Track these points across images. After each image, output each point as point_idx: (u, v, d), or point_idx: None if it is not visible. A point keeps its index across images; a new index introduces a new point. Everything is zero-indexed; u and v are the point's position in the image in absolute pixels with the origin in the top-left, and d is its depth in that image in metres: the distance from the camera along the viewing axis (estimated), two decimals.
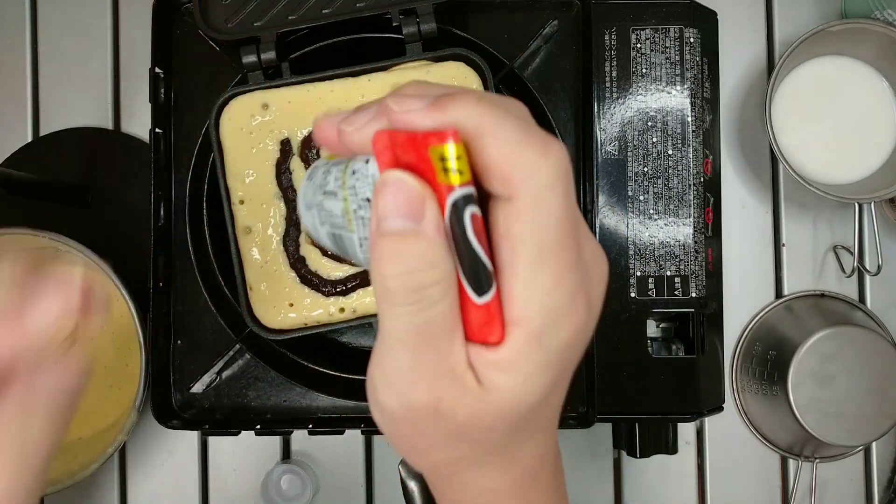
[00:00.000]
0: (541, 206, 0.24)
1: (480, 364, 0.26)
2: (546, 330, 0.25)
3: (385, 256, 0.25)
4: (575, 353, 0.27)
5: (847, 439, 0.57)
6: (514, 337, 0.25)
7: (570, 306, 0.25)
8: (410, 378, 0.26)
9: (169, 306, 0.55)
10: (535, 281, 0.25)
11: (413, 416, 0.26)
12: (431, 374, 0.25)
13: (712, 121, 0.54)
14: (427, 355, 0.25)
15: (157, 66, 0.53)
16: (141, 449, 0.63)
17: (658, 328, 0.55)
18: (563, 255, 0.25)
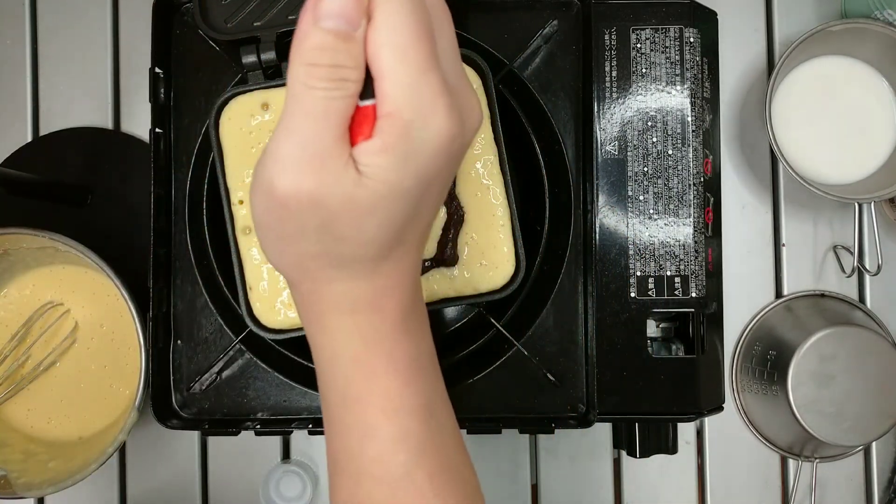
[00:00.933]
0: (390, 17, 0.29)
1: (358, 154, 0.29)
2: (413, 122, 0.29)
3: (322, 47, 0.28)
4: (444, 163, 0.30)
5: (847, 439, 0.57)
6: (385, 124, 0.29)
7: (435, 105, 0.29)
8: (302, 155, 0.29)
9: (169, 306, 0.55)
10: (396, 77, 0.29)
11: (291, 197, 0.29)
12: (322, 155, 0.29)
13: (712, 121, 0.54)
14: (323, 137, 0.29)
15: (156, 66, 0.53)
16: (141, 449, 0.63)
17: (658, 328, 0.55)
18: (418, 56, 0.29)
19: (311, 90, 0.29)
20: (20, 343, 0.59)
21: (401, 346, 0.33)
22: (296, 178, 0.29)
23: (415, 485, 0.33)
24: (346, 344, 0.33)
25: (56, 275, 0.60)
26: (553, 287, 0.54)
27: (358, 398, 0.33)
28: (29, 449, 0.58)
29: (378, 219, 0.30)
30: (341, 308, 0.32)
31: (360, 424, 0.33)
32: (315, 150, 0.29)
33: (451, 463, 0.35)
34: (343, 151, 0.29)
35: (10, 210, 0.62)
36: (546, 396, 0.54)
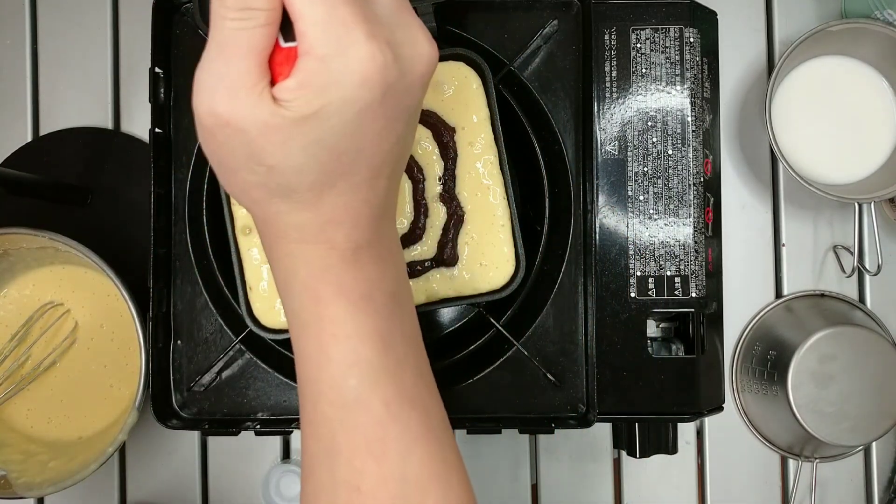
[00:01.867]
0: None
1: (277, 91, 0.30)
2: (328, 55, 0.29)
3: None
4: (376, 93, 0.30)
5: (847, 439, 0.57)
6: (301, 62, 0.29)
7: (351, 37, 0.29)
8: (217, 84, 0.30)
9: (169, 306, 0.55)
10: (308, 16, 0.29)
11: (214, 125, 0.30)
12: (234, 84, 0.29)
13: (712, 121, 0.54)
14: (236, 67, 0.29)
15: (156, 66, 0.53)
16: (141, 449, 0.63)
17: (658, 328, 0.55)
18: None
19: (222, 20, 0.30)
20: (20, 343, 0.59)
21: (350, 277, 0.34)
22: (210, 104, 0.30)
23: (369, 410, 0.34)
24: (296, 271, 0.34)
25: (56, 275, 0.60)
26: (553, 287, 0.54)
27: (309, 323, 0.34)
28: (29, 449, 0.58)
29: (301, 147, 0.30)
30: (290, 237, 0.33)
31: (313, 349, 0.34)
32: (228, 80, 0.30)
33: (412, 394, 0.35)
34: (257, 83, 0.30)
35: (10, 210, 0.62)
36: (546, 396, 0.54)
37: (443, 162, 0.51)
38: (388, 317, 0.35)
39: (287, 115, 0.30)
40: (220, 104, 0.30)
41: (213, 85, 0.30)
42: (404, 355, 0.35)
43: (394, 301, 0.35)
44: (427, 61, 0.32)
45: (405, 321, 0.36)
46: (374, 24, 0.30)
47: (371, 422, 0.34)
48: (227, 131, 0.30)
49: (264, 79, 0.30)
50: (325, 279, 0.33)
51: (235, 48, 0.30)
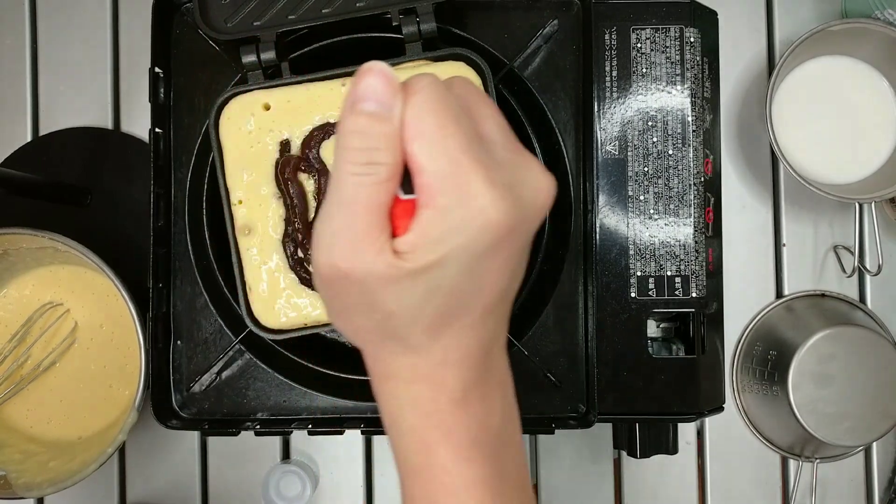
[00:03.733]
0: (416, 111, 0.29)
1: (398, 244, 0.30)
2: (448, 206, 0.29)
3: (356, 130, 0.30)
4: (497, 240, 0.30)
5: (847, 439, 0.57)
6: (421, 215, 0.30)
7: (471, 186, 0.29)
8: (338, 239, 0.30)
9: (169, 306, 0.55)
10: (428, 167, 0.29)
11: (333, 277, 0.30)
12: (355, 239, 0.30)
13: (712, 121, 0.54)
14: (358, 222, 0.30)
15: (156, 66, 0.53)
16: (141, 449, 0.63)
17: (658, 328, 0.55)
18: (447, 144, 0.29)
19: (346, 175, 0.30)
20: (20, 343, 0.59)
21: (458, 421, 0.33)
22: (330, 258, 0.30)
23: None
24: (405, 413, 0.33)
25: (56, 275, 0.60)
26: (553, 287, 0.54)
27: (418, 469, 0.34)
28: (29, 449, 0.58)
29: (420, 294, 0.30)
30: (400, 377, 0.33)
31: (421, 494, 0.34)
32: (349, 235, 0.30)
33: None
34: (378, 237, 0.30)
35: (10, 210, 0.62)
36: (546, 396, 0.54)
37: None
38: (497, 460, 0.34)
39: (407, 266, 0.29)
40: (341, 259, 0.30)
41: (334, 239, 0.30)
42: (510, 500, 0.35)
43: (502, 438, 0.35)
44: (545, 196, 0.32)
45: (513, 460, 0.36)
46: (493, 171, 0.30)
47: None
48: (345, 282, 0.30)
49: (385, 233, 0.30)
50: (435, 423, 0.33)
51: (357, 203, 0.30)
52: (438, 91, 0.30)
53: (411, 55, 0.50)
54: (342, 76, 0.50)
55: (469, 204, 0.29)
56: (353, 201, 0.30)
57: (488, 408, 0.34)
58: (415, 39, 0.50)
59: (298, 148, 0.50)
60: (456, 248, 0.29)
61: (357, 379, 0.55)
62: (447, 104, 0.30)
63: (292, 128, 0.50)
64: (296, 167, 0.49)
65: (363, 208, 0.30)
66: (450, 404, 0.33)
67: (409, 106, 0.30)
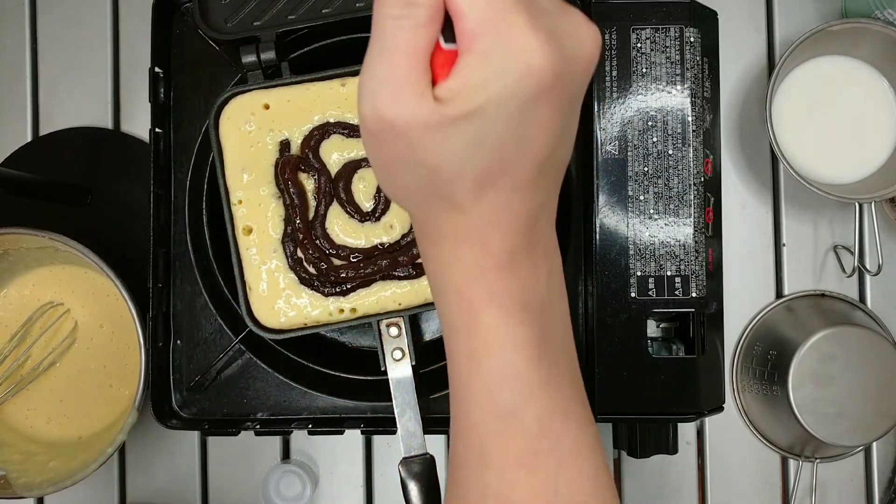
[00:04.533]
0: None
1: (439, 90, 0.30)
2: (489, 50, 0.29)
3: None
4: (540, 87, 0.29)
5: (847, 439, 0.57)
6: (462, 60, 0.29)
7: (513, 30, 0.29)
8: (379, 86, 0.30)
9: (169, 306, 0.55)
10: (468, 12, 0.29)
11: (378, 129, 0.30)
12: (397, 85, 0.29)
13: (712, 120, 0.54)
14: (398, 68, 0.29)
15: (156, 66, 0.53)
16: (141, 449, 0.63)
17: (658, 328, 0.55)
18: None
19: (384, 18, 0.30)
20: (20, 343, 0.59)
21: (504, 283, 0.33)
22: (374, 107, 0.30)
23: (521, 423, 0.33)
24: (450, 274, 0.33)
25: (56, 275, 0.60)
26: None
27: (461, 329, 0.34)
28: (29, 449, 0.58)
29: (464, 144, 0.30)
30: (446, 238, 0.33)
31: (465, 355, 0.34)
32: (391, 81, 0.29)
33: (565, 406, 0.34)
34: (418, 83, 0.29)
35: (10, 210, 0.62)
36: None
37: None
38: (542, 326, 0.34)
39: (449, 112, 0.29)
40: (384, 106, 0.30)
41: (376, 87, 0.30)
42: (557, 367, 0.34)
43: (548, 308, 0.34)
44: (591, 47, 0.31)
45: (559, 329, 0.35)
46: (536, 16, 0.29)
47: (523, 434, 0.33)
48: (390, 135, 0.30)
49: (426, 79, 0.30)
50: (479, 284, 0.33)
51: (397, 49, 0.29)
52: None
53: None
54: (342, 76, 0.50)
55: (511, 48, 0.29)
56: (393, 47, 0.29)
57: (534, 276, 0.34)
58: None
59: (298, 147, 0.50)
60: (498, 94, 0.29)
61: (357, 379, 0.55)
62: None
63: (292, 128, 0.50)
64: (295, 167, 0.49)
65: (403, 54, 0.29)
66: (496, 267, 0.32)
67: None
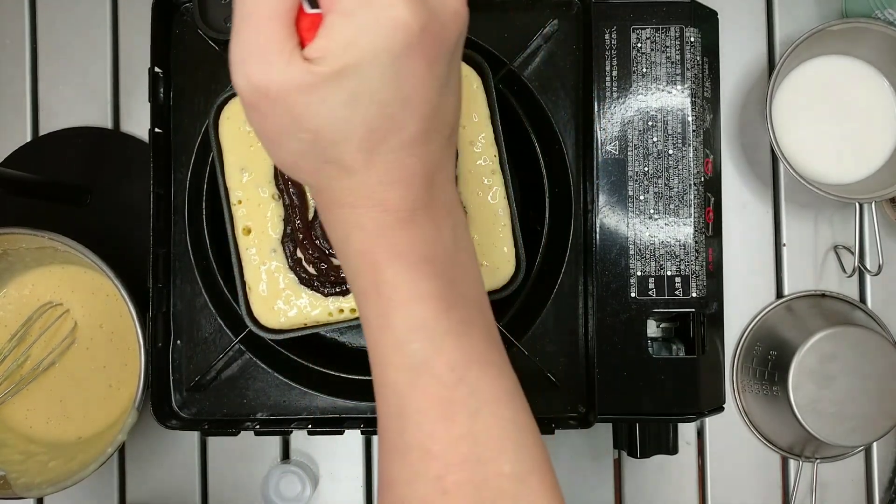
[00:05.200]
0: None
1: (308, 51, 0.30)
2: (355, 8, 0.29)
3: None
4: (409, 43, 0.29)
5: (848, 440, 0.57)
6: (328, 19, 0.29)
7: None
8: (247, 54, 0.30)
9: (168, 306, 0.55)
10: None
11: (253, 97, 0.30)
12: (263, 50, 0.29)
13: (713, 120, 0.54)
14: (262, 32, 0.29)
15: (156, 66, 0.53)
16: (140, 449, 0.63)
17: (658, 328, 0.55)
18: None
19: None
20: (20, 343, 0.59)
21: (406, 240, 0.33)
22: (246, 76, 0.30)
23: (434, 373, 0.33)
24: (350, 236, 0.33)
25: (56, 275, 0.60)
26: (553, 287, 0.54)
27: (368, 289, 0.34)
28: (28, 449, 0.58)
29: (342, 103, 0.30)
30: (343, 202, 0.33)
31: (374, 315, 0.34)
32: (257, 47, 0.30)
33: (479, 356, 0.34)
34: (285, 44, 0.29)
35: (10, 210, 0.62)
36: (546, 397, 0.54)
37: None
38: (449, 278, 0.34)
39: (320, 70, 0.29)
40: (254, 73, 0.30)
41: (244, 56, 0.30)
42: (469, 316, 0.34)
43: (454, 262, 0.35)
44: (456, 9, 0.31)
45: (468, 282, 0.35)
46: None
47: (437, 384, 0.33)
48: (267, 102, 0.30)
49: (292, 41, 0.30)
50: (381, 243, 0.33)
51: (259, 15, 0.30)
52: None
53: None
54: None
55: (375, 4, 0.29)
56: (256, 13, 0.30)
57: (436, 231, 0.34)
58: None
59: None
60: (367, 48, 0.29)
61: (357, 379, 0.55)
62: None
63: None
64: None
65: (266, 18, 0.29)
66: (397, 224, 0.33)
67: None
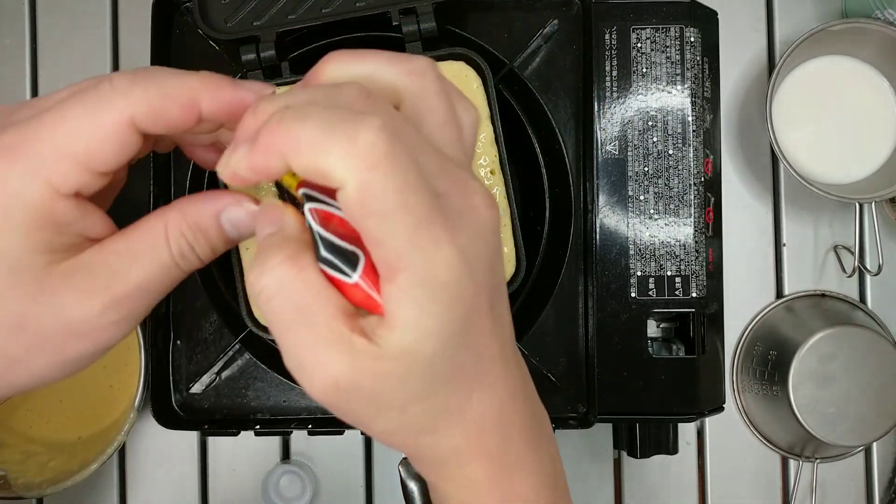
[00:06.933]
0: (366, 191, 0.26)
1: (368, 328, 0.27)
2: (413, 284, 0.26)
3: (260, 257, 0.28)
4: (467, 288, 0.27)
5: (848, 439, 0.57)
6: (386, 291, 0.27)
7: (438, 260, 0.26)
8: (306, 359, 0.27)
9: (168, 306, 0.54)
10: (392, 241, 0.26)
11: (329, 398, 0.28)
12: (324, 352, 0.27)
13: (713, 120, 0.54)
14: (320, 336, 0.27)
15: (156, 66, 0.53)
16: (140, 449, 0.63)
17: (658, 328, 0.55)
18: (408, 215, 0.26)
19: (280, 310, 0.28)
20: None
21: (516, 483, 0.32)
22: (310, 380, 0.28)
23: None
24: (462, 497, 0.32)
25: None
26: (553, 287, 0.54)
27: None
28: (28, 449, 0.58)
29: (419, 380, 0.28)
30: (449, 463, 0.31)
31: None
32: (311, 353, 0.27)
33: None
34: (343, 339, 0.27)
35: None
36: (546, 397, 0.53)
37: None
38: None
39: (388, 354, 0.27)
40: (318, 377, 0.27)
41: (302, 361, 0.28)
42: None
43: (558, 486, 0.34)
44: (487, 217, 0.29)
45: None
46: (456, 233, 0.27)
47: None
48: (343, 396, 0.28)
49: (347, 325, 0.27)
50: (493, 494, 0.31)
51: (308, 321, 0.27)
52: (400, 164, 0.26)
53: None
54: None
55: (428, 283, 0.26)
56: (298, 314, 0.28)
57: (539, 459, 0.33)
58: (415, 39, 0.50)
59: None
60: (433, 329, 0.27)
61: None
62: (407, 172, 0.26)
63: None
64: None
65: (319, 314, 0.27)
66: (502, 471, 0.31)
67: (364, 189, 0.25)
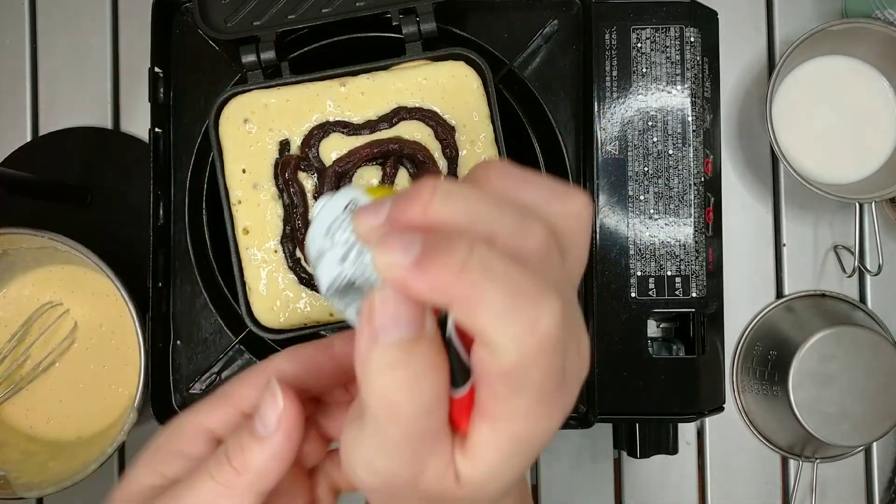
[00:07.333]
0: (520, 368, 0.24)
1: (456, 458, 0.26)
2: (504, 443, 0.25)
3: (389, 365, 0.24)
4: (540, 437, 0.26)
5: (847, 439, 0.57)
6: (478, 424, 0.25)
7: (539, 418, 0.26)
8: (395, 470, 0.26)
9: (168, 306, 0.55)
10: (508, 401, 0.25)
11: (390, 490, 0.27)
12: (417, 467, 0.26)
13: (713, 120, 0.54)
14: (416, 454, 0.25)
15: (156, 66, 0.53)
16: (140, 449, 0.63)
17: (658, 328, 0.55)
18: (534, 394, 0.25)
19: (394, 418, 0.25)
20: (19, 343, 0.59)
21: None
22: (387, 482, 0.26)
23: None
24: None
25: (56, 275, 0.60)
26: None
27: None
28: (28, 449, 0.58)
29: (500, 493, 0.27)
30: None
31: None
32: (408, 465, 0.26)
33: None
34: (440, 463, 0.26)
35: (10, 210, 0.62)
36: None
37: (444, 161, 0.51)
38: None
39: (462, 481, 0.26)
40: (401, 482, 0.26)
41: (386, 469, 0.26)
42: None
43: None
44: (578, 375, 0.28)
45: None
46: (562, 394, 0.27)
47: None
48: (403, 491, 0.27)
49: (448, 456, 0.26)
50: None
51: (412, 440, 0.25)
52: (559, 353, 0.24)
53: (411, 55, 0.50)
54: (342, 76, 0.50)
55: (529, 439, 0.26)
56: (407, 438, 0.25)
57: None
58: (415, 39, 0.50)
59: (298, 147, 0.50)
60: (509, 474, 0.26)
61: None
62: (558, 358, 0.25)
63: (292, 127, 0.50)
64: (296, 167, 0.49)
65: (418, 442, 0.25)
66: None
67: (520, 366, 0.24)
